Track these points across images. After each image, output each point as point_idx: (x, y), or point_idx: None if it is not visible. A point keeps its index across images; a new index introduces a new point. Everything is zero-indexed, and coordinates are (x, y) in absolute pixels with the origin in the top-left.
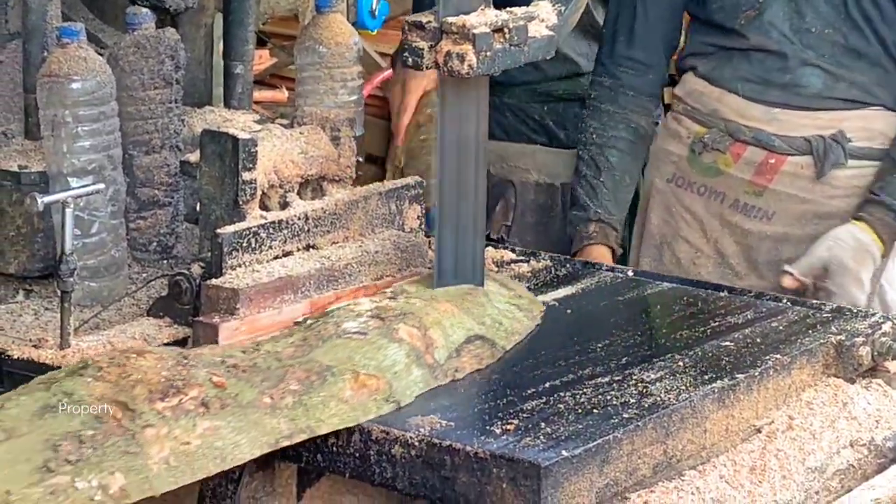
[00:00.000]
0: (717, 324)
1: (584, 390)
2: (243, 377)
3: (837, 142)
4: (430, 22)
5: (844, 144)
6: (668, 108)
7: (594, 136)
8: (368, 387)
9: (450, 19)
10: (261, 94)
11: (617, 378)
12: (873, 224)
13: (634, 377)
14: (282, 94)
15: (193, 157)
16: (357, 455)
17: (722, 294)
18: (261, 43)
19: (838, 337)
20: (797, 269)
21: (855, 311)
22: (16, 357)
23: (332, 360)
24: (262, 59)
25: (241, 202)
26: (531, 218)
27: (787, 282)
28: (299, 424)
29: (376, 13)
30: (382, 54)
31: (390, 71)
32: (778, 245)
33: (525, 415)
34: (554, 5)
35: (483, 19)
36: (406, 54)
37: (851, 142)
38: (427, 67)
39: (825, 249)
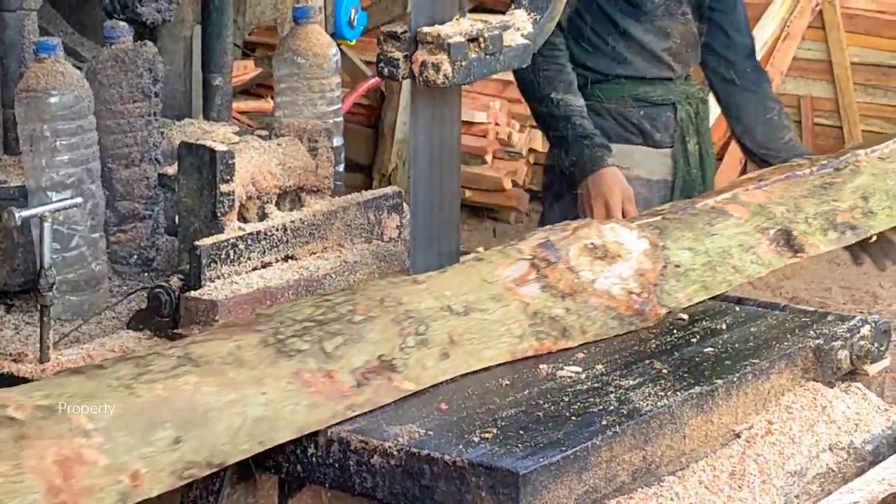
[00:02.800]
0: (695, 329)
1: (563, 398)
2: None
3: None
4: (404, 32)
5: None
6: None
7: None
8: None
9: (424, 29)
10: (246, 104)
11: (595, 385)
12: None
13: (613, 384)
14: (267, 104)
15: (172, 169)
16: (337, 465)
17: (701, 299)
18: (246, 54)
19: (817, 341)
20: None
21: (833, 314)
22: None
23: None
24: (247, 69)
25: (219, 214)
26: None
27: None
28: None
29: (354, 23)
30: (367, 62)
31: (376, 79)
32: None
33: (503, 423)
34: (529, 14)
35: (458, 29)
36: (381, 65)
37: None
38: (403, 78)
39: None
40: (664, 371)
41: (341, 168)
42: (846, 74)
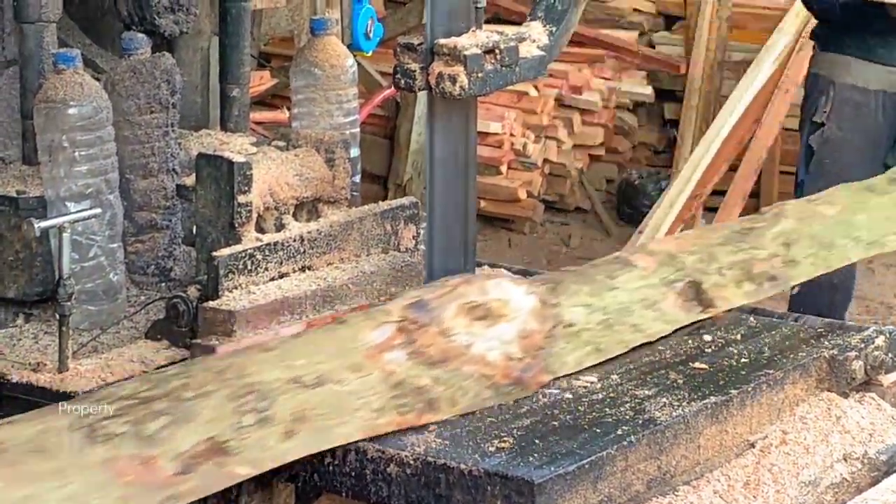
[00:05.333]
0: (710, 339)
1: (578, 407)
2: None
3: None
4: (421, 44)
5: None
6: None
7: None
8: None
9: (441, 41)
10: (262, 115)
11: (611, 395)
12: None
13: (628, 393)
14: (282, 115)
15: (190, 180)
16: (353, 474)
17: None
18: (262, 65)
19: (831, 351)
20: None
21: (847, 325)
22: (15, 381)
23: None
24: (263, 80)
25: (236, 225)
26: None
27: None
28: None
29: (371, 35)
30: (383, 73)
31: (391, 90)
32: None
33: (519, 432)
34: (545, 26)
35: (474, 41)
36: (398, 76)
37: None
38: (419, 89)
39: None
40: (679, 381)
41: (358, 179)
42: None
